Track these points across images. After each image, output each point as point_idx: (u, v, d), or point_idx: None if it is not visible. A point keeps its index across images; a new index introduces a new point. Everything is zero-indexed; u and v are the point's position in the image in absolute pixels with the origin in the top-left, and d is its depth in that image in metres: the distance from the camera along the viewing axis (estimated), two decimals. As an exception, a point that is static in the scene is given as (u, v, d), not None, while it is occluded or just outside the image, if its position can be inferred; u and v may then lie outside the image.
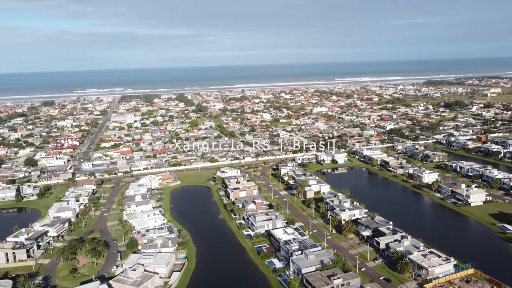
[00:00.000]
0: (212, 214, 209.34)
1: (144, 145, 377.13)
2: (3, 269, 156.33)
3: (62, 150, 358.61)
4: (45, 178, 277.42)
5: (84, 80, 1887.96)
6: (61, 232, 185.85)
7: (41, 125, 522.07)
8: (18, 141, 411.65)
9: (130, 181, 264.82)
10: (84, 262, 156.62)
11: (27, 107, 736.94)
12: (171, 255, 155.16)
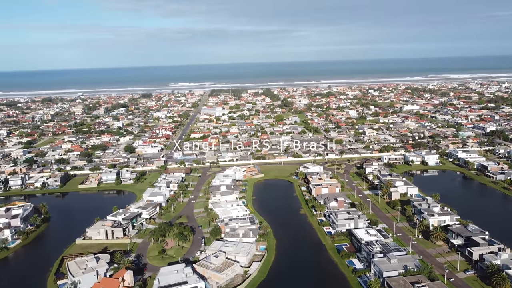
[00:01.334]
0: (293, 208, 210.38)
1: (230, 137, 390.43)
2: (103, 244, 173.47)
3: (157, 139, 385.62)
4: (141, 164, 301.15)
5: (178, 74, 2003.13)
6: (153, 215, 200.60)
7: (140, 116, 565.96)
8: (120, 130, 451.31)
9: (216, 171, 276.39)
10: (172, 245, 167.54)
11: (128, 99, 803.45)
12: (252, 246, 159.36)
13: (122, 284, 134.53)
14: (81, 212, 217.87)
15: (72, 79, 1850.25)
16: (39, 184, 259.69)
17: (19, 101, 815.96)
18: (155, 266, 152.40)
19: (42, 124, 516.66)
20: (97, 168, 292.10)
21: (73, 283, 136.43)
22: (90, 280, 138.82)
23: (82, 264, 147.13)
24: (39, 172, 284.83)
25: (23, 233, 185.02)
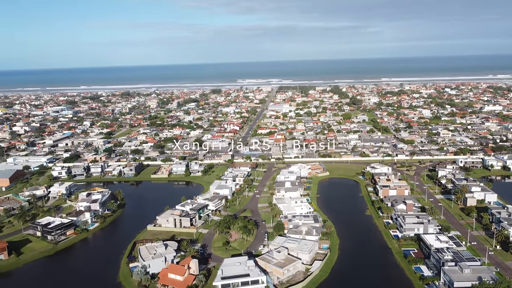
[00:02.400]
0: (359, 209, 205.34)
1: (296, 134, 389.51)
2: (171, 232, 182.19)
3: (225, 134, 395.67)
4: (209, 158, 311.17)
5: (247, 71, 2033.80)
6: (219, 207, 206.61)
7: (209, 110, 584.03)
8: (190, 123, 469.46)
9: (281, 167, 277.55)
10: (235, 237, 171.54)
11: (199, 94, 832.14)
12: (315, 244, 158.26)
13: (188, 271, 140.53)
14: (153, 200, 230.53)
15: (148, 74, 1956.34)
16: (116, 172, 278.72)
17: (101, 95, 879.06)
18: (219, 256, 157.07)
19: (121, 117, 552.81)
20: (168, 159, 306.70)
21: (143, 266, 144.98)
22: (158, 265, 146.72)
23: (152, 249, 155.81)
24: (117, 161, 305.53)
25: (101, 217, 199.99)
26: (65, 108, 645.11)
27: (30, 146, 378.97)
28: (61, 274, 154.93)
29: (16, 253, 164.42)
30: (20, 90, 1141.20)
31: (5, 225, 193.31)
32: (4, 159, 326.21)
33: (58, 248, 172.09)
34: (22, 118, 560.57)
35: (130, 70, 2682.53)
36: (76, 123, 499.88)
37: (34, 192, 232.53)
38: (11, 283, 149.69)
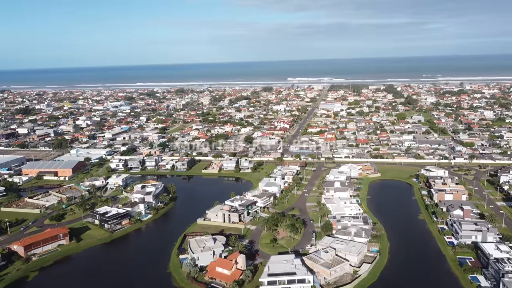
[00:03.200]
0: (411, 213, 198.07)
1: (347, 133, 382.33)
2: (220, 227, 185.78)
3: (275, 132, 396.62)
4: (258, 155, 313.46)
5: (298, 69, 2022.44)
6: (267, 204, 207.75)
7: (260, 108, 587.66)
8: (241, 120, 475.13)
9: (331, 167, 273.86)
10: (283, 235, 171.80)
11: (250, 92, 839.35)
12: (363, 246, 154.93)
13: (235, 266, 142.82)
14: (203, 194, 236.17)
15: (202, 72, 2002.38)
16: (169, 166, 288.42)
17: (157, 92, 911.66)
18: (266, 253, 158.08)
19: (175, 113, 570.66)
20: (219, 155, 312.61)
21: (192, 258, 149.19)
22: (207, 258, 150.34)
23: (201, 242, 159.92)
24: (170, 156, 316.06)
25: (154, 208, 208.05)
26: (124, 103, 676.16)
27: (91, 139, 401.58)
28: (116, 260, 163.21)
29: (77, 239, 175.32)
30: (83, 86, 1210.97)
31: (68, 213, 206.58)
32: (68, 150, 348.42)
33: (114, 237, 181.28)
34: (84, 112, 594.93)
35: (185, 68, 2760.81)
36: (133, 118, 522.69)
37: (94, 183, 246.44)
38: (72, 266, 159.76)
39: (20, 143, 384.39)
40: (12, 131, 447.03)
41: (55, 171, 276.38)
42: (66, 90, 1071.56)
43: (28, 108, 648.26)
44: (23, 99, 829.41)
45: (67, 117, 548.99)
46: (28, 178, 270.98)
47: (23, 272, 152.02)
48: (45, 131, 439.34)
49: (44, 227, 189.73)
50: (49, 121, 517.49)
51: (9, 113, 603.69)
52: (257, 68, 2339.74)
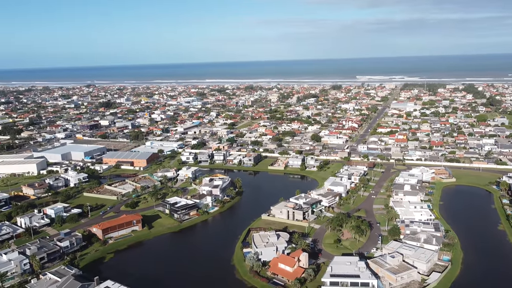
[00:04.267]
0: (490, 222, 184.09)
1: (420, 135, 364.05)
2: (283, 223, 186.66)
3: (342, 131, 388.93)
4: (325, 154, 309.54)
5: (368, 67, 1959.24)
6: (332, 204, 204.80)
7: (328, 106, 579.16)
8: (309, 118, 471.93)
9: (401, 169, 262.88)
10: (347, 236, 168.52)
11: (319, 90, 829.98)
12: (434, 254, 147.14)
13: (298, 263, 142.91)
14: (268, 190, 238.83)
15: (271, 69, 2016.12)
16: (236, 161, 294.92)
17: (227, 88, 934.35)
18: (329, 253, 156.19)
19: (244, 109, 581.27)
20: (285, 152, 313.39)
21: (256, 253, 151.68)
22: (270, 253, 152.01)
23: (265, 238, 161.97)
24: (237, 151, 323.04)
25: (221, 201, 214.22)
26: (195, 99, 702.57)
27: (165, 132, 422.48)
28: (184, 249, 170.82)
29: (148, 226, 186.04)
30: (159, 82, 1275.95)
31: (141, 201, 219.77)
32: (143, 142, 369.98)
33: (182, 226, 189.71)
34: (159, 107, 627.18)
35: (254, 65, 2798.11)
36: (204, 113, 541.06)
37: (166, 174, 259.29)
38: (143, 251, 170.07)
39: (102, 134, 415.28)
40: (95, 122, 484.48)
41: (131, 161, 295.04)
42: (144, 85, 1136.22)
43: (109, 101, 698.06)
44: (106, 93, 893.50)
45: (144, 110, 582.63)
46: (108, 167, 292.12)
47: (100, 253, 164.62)
48: (124, 124, 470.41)
49: (120, 213, 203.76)
50: (128, 114, 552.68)
51: (93, 106, 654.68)
52: (326, 66, 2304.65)
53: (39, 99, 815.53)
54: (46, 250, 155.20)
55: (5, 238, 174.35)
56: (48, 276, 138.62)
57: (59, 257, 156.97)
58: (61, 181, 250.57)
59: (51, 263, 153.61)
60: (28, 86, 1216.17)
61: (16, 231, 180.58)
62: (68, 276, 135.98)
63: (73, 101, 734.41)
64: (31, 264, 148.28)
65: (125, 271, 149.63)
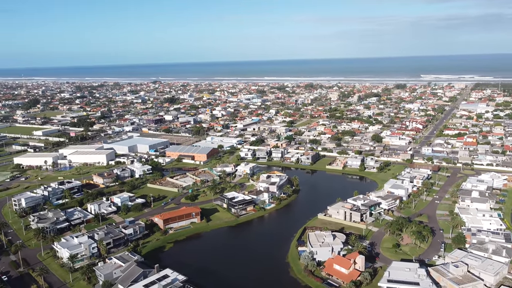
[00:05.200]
0: None
1: (492, 138, 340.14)
2: (340, 224, 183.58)
3: (406, 132, 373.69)
4: (386, 155, 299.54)
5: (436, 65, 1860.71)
6: (392, 207, 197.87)
7: (391, 106, 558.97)
8: (370, 118, 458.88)
9: (469, 174, 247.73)
10: (407, 241, 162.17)
11: (382, 89, 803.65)
12: (503, 266, 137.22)
13: (353, 266, 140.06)
14: (325, 190, 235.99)
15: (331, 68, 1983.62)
16: (294, 159, 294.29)
17: (287, 86, 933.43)
18: (387, 258, 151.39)
19: (303, 107, 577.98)
20: (344, 152, 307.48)
21: (311, 252, 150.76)
22: (325, 253, 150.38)
23: (320, 237, 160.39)
24: (295, 149, 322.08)
25: (277, 199, 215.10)
26: (255, 96, 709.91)
27: (225, 128, 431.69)
28: (239, 243, 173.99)
29: (206, 219, 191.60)
30: (220, 79, 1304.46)
31: (200, 194, 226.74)
32: (204, 137, 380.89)
33: (239, 221, 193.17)
34: (220, 103, 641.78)
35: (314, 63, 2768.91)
36: (263, 111, 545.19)
37: (225, 169, 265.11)
38: (201, 243, 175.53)
39: (166, 128, 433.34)
40: (160, 117, 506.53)
41: (192, 155, 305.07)
42: (206, 82, 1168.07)
43: (174, 97, 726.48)
44: (170, 90, 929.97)
45: (206, 107, 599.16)
46: (170, 160, 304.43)
47: (161, 242, 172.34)
48: (186, 119, 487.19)
49: (180, 205, 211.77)
50: (190, 110, 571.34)
51: (158, 101, 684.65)
52: (388, 64, 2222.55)
53: (110, 94, 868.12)
54: (112, 236, 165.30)
55: (77, 222, 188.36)
56: (113, 260, 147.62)
57: (124, 243, 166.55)
58: (127, 172, 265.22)
59: (116, 248, 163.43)
60: (101, 82, 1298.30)
61: (87, 216, 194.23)
62: (131, 262, 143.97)
63: (140, 96, 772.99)
64: (99, 248, 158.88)
65: (183, 261, 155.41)
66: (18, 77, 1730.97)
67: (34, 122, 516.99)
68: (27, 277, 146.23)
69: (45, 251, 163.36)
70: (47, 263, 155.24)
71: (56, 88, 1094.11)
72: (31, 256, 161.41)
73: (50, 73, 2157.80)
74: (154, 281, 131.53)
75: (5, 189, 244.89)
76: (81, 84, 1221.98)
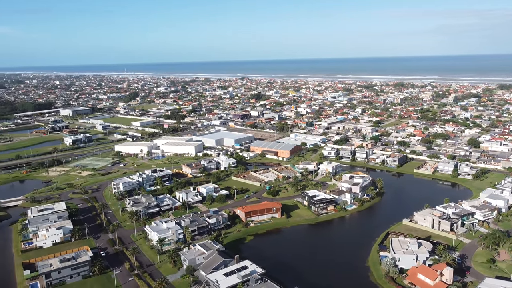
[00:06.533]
0: None
1: None
2: (427, 232, 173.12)
3: (509, 137, 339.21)
4: (484, 161, 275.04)
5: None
6: (488, 218, 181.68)
7: (492, 108, 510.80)
8: (466, 121, 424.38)
9: None
10: (504, 257, 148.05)
11: (482, 89, 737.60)
12: None
13: (440, 278, 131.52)
14: (412, 195, 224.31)
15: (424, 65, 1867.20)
16: (379, 161, 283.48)
17: (375, 84, 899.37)
18: (480, 273, 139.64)
19: (391, 107, 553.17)
20: (436, 156, 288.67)
21: (393, 258, 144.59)
22: (409, 261, 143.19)
23: (405, 244, 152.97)
24: (381, 150, 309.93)
25: (360, 200, 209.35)
26: (341, 94, 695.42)
27: (309, 126, 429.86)
28: (319, 242, 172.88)
29: (287, 215, 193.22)
30: (306, 77, 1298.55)
31: (282, 190, 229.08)
32: (288, 134, 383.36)
33: (319, 220, 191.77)
34: (305, 100, 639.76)
35: (405, 61, 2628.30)
36: (349, 109, 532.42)
37: (307, 166, 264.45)
38: (280, 238, 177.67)
39: (251, 124, 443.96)
40: (246, 113, 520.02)
41: (275, 151, 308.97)
42: (292, 79, 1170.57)
43: (260, 94, 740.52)
44: (257, 86, 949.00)
45: (291, 104, 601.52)
46: (254, 155, 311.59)
47: (242, 234, 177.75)
48: (271, 115, 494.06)
49: (262, 199, 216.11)
50: (275, 107, 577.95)
51: (245, 97, 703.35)
52: (491, 62, 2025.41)
53: (201, 89, 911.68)
54: (197, 224, 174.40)
55: (166, 209, 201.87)
56: (197, 247, 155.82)
57: (207, 232, 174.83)
58: (214, 164, 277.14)
59: (200, 236, 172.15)
60: (193, 77, 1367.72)
61: (175, 203, 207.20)
62: (213, 250, 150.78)
63: (228, 92, 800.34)
64: (184, 234, 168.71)
65: (262, 254, 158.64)
66: (121, 72, 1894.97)
67: (133, 114, 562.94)
68: (121, 255, 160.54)
69: (137, 232, 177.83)
70: (139, 243, 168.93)
71: (153, 82, 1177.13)
72: (126, 236, 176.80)
73: (148, 69, 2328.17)
74: (234, 271, 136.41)
75: (107, 173, 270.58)
76: (175, 79, 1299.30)
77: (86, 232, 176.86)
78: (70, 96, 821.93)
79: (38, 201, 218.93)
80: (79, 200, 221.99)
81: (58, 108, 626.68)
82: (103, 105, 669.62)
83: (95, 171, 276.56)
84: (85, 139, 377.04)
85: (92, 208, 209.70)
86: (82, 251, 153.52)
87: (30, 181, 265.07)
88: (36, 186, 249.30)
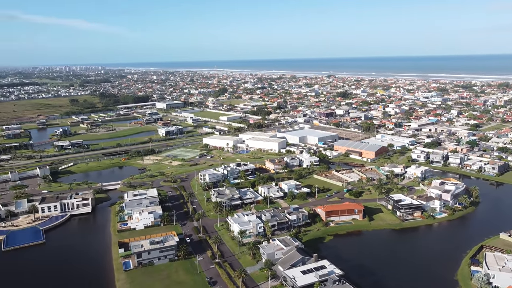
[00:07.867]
0: None
1: None
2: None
3: None
4: None
5: None
6: None
7: None
8: None
9: None
10: None
11: None
12: None
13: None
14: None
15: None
16: (476, 168, 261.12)
17: (475, 84, 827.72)
18: None
19: (493, 109, 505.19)
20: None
21: (486, 274, 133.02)
22: (505, 280, 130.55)
23: (501, 260, 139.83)
24: (478, 156, 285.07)
25: (451, 208, 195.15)
26: (435, 94, 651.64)
27: (397, 126, 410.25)
28: (403, 249, 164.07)
29: (369, 218, 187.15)
30: (396, 75, 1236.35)
31: (365, 192, 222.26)
32: (374, 134, 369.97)
33: (404, 226, 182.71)
34: (395, 100, 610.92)
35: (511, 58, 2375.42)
36: (443, 111, 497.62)
37: (393, 169, 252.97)
38: (361, 241, 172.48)
39: (336, 122, 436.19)
40: (331, 111, 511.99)
41: (360, 151, 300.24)
42: (381, 78, 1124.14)
43: (346, 92, 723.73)
44: (344, 84, 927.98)
45: (378, 103, 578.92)
46: (337, 154, 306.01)
47: (321, 233, 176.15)
48: (357, 114, 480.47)
49: (343, 199, 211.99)
50: (362, 106, 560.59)
51: (331, 96, 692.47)
52: None
53: (287, 86, 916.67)
54: (277, 220, 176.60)
55: (248, 202, 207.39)
56: (276, 242, 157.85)
57: (287, 228, 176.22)
58: (296, 161, 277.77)
59: (280, 231, 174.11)
60: (278, 74, 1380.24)
61: (257, 198, 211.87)
62: (292, 247, 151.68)
63: (314, 89, 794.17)
64: (264, 228, 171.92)
65: (341, 255, 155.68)
66: (211, 68, 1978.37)
67: (221, 109, 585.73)
68: (204, 243, 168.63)
69: (220, 222, 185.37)
70: (221, 233, 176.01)
71: (241, 79, 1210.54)
72: (209, 225, 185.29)
73: (236, 65, 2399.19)
74: (311, 269, 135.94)
75: (195, 164, 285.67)
76: (262, 76, 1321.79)
77: (173, 219, 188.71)
78: (165, 90, 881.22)
79: (134, 186, 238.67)
80: (169, 188, 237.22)
81: (154, 101, 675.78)
82: (194, 100, 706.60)
83: (184, 162, 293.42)
84: (177, 131, 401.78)
85: (180, 196, 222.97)
86: (170, 236, 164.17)
87: (128, 168, 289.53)
88: (132, 172, 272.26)
